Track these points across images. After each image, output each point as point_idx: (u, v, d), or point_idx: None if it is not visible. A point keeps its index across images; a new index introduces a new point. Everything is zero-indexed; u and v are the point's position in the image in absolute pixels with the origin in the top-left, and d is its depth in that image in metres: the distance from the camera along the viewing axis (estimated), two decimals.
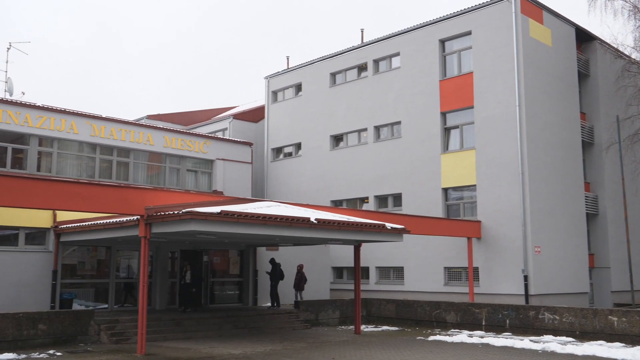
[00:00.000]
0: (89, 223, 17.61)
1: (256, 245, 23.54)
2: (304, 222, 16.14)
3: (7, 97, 26.39)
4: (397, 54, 29.09)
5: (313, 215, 16.90)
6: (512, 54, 24.80)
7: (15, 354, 14.58)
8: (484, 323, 20.56)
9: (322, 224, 16.57)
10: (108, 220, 16.92)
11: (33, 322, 15.93)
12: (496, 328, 20.15)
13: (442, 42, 27.44)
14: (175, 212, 14.27)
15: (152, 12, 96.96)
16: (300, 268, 23.92)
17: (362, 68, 30.79)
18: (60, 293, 19.40)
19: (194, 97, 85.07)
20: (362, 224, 17.73)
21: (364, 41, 31.24)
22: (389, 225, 18.47)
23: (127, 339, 16.84)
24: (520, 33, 24.74)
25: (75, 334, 16.67)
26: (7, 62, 26.86)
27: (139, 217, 15.17)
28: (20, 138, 23.83)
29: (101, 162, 25.97)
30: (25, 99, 27.77)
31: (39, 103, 24.49)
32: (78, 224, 18.24)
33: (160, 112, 41.64)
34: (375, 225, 18.08)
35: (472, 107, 25.98)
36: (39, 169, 23.99)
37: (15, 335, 15.58)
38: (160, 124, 33.21)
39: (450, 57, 27.29)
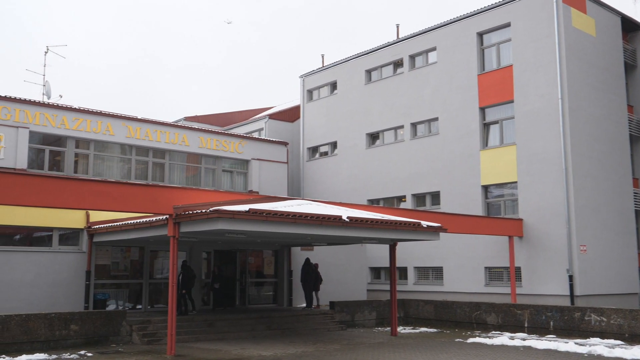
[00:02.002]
0: (120, 223, 17.56)
1: (290, 244, 23.20)
2: (335, 221, 15.69)
3: (45, 99, 26.75)
4: (434, 49, 28.40)
5: (345, 213, 16.46)
6: (553, 45, 23.85)
7: (46, 354, 14.54)
8: (526, 325, 19.72)
9: (355, 222, 16.10)
10: (138, 220, 16.82)
11: (65, 323, 15.90)
12: (539, 330, 19.30)
13: (480, 35, 26.63)
14: (203, 210, 14.01)
15: (188, 18, 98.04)
16: (315, 267, 23.34)
17: (397, 64, 30.19)
18: (93, 293, 19.42)
19: (233, 99, 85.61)
20: (396, 222, 17.19)
21: (400, 37, 30.63)
22: (424, 223, 17.86)
23: (159, 340, 16.68)
24: (562, 23, 23.79)
25: (107, 335, 16.60)
26: (44, 66, 27.22)
27: (167, 216, 15.00)
28: (57, 140, 24.08)
29: (137, 163, 26.07)
30: (63, 101, 28.20)
31: (75, 105, 24.74)
32: (110, 224, 18.22)
33: (198, 114, 41.82)
34: (410, 223, 17.50)
35: (512, 102, 25.12)
36: (75, 171, 24.20)
37: (47, 336, 15.56)
38: (196, 125, 33.26)
39: (488, 51, 26.47)
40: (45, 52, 27.64)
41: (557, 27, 23.78)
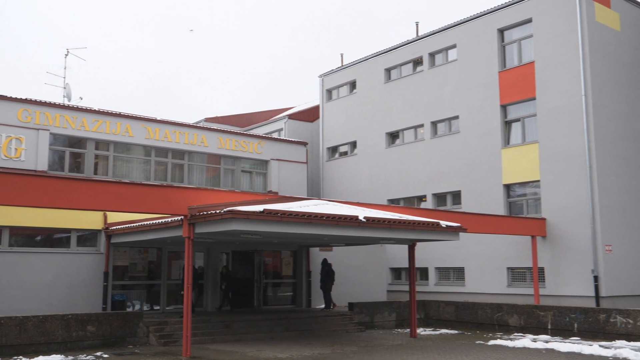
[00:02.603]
0: (137, 224, 17.53)
1: (307, 245, 23.00)
2: (351, 221, 15.46)
3: (65, 102, 26.95)
4: (454, 46, 27.98)
5: (362, 213, 16.22)
6: (576, 40, 23.32)
7: (63, 356, 14.55)
8: (549, 327, 19.28)
9: (372, 222, 15.85)
10: (154, 221, 16.76)
11: (82, 324, 15.91)
12: (563, 332, 18.85)
13: (501, 31, 26.15)
14: (217, 211, 13.89)
15: (209, 19, 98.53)
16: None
17: (417, 62, 29.83)
18: (112, 294, 19.43)
19: (255, 100, 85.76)
20: (414, 222, 16.89)
21: (419, 34, 30.24)
22: (443, 223, 17.53)
23: (175, 341, 16.61)
24: (585, 18, 23.24)
25: (124, 336, 16.57)
26: (65, 68, 27.43)
27: (183, 217, 14.91)
28: (78, 142, 24.24)
29: (156, 164, 26.14)
30: (83, 103, 28.38)
31: (95, 107, 24.88)
32: (126, 225, 18.22)
33: (218, 115, 41.87)
34: (429, 223, 17.19)
35: (534, 99, 24.61)
36: (96, 172, 24.35)
37: (64, 337, 15.58)
38: (216, 126, 33.27)
39: (509, 47, 25.98)
40: (66, 55, 27.85)
41: (580, 22, 23.24)
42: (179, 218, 15.18)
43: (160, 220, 16.43)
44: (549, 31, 24.22)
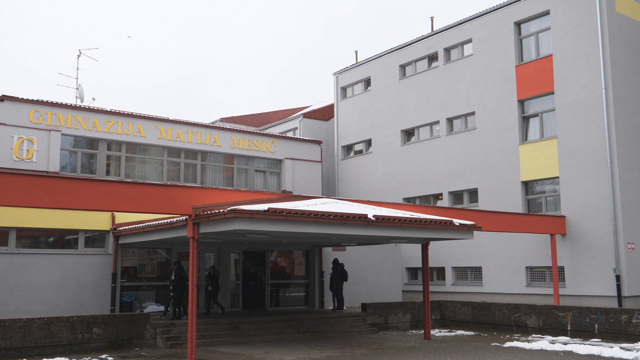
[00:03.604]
0: (143, 225, 17.28)
1: (320, 245, 22.59)
2: (360, 220, 15.04)
3: (78, 103, 26.91)
4: (470, 41, 27.34)
5: (372, 212, 15.78)
6: (596, 32, 22.59)
7: (67, 358, 14.33)
8: (569, 328, 18.63)
9: (381, 221, 15.41)
10: (159, 222, 16.49)
11: (87, 326, 15.69)
12: (583, 333, 18.19)
13: (518, 24, 25.47)
14: (221, 210, 13.57)
15: (224, 20, 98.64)
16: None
17: (432, 58, 29.23)
18: (120, 296, 19.21)
19: (273, 100, 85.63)
20: (426, 220, 16.41)
21: (434, 29, 29.64)
22: (456, 221, 17.01)
23: (182, 344, 16.31)
24: (604, 9, 22.50)
25: (131, 338, 16.33)
26: (77, 69, 27.40)
27: (187, 217, 14.62)
28: (90, 143, 24.15)
29: (169, 164, 25.95)
30: (96, 104, 28.32)
31: (106, 108, 24.78)
32: (133, 226, 17.99)
33: (234, 115, 41.69)
34: (441, 221, 16.69)
35: (552, 93, 23.91)
36: (107, 173, 24.23)
37: (69, 339, 15.38)
38: (230, 126, 33.02)
39: (527, 40, 25.29)
40: (78, 56, 27.85)
41: (600, 13, 22.50)
42: (184, 218, 14.90)
43: (165, 221, 16.17)
44: (568, 23, 23.51)
